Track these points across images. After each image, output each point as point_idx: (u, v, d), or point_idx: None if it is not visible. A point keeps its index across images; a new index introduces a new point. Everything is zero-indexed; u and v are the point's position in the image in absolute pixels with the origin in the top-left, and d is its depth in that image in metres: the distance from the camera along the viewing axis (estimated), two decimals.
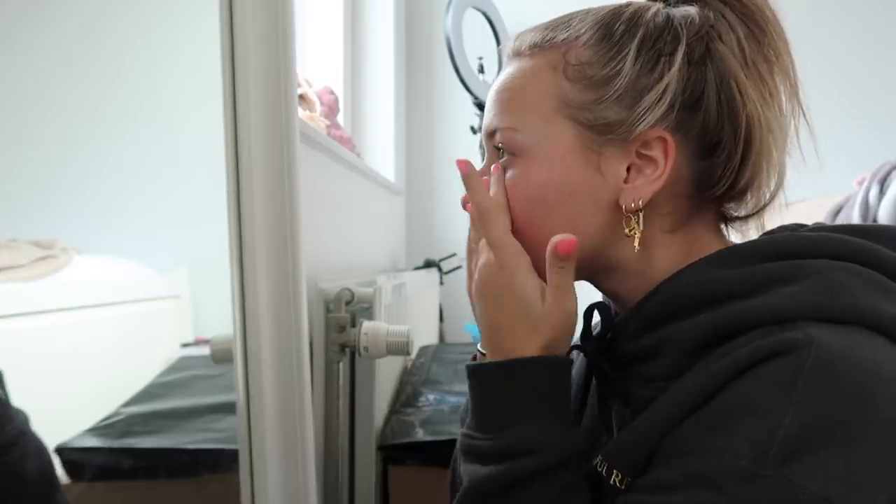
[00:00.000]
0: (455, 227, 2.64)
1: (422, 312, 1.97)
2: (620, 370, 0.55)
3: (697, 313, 0.48)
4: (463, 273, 0.63)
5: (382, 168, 2.32)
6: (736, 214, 0.57)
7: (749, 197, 0.55)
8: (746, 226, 0.58)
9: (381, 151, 2.42)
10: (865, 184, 1.51)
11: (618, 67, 0.51)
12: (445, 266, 2.44)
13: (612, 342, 0.56)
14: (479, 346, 0.63)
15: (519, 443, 0.49)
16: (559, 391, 0.51)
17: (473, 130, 2.36)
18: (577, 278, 0.57)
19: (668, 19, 0.52)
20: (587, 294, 0.62)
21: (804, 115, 0.54)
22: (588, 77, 0.52)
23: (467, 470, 0.52)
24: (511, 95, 0.56)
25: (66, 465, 0.85)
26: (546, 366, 0.51)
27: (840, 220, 1.57)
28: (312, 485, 0.84)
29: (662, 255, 0.54)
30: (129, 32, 1.08)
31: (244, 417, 0.80)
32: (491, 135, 0.57)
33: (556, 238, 0.52)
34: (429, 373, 1.57)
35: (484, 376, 0.53)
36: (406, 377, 1.59)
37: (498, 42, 2.49)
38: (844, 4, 2.37)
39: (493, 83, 0.59)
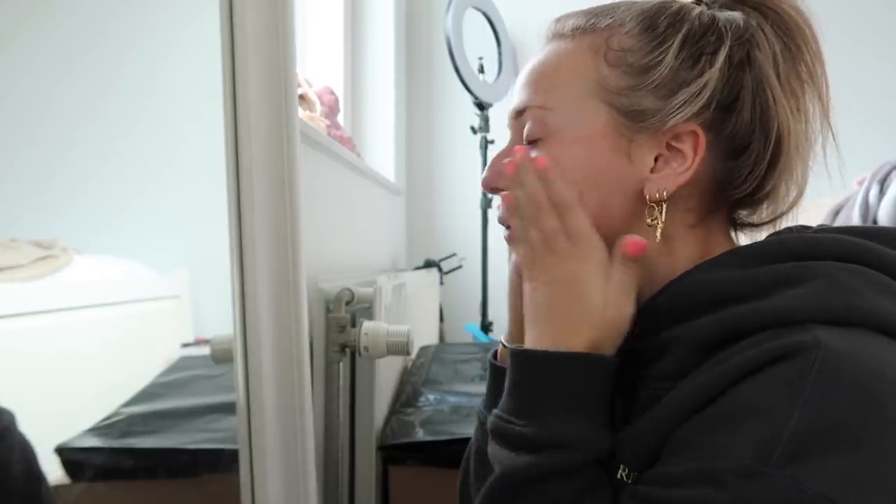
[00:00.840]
0: (455, 228, 2.64)
1: (422, 312, 1.97)
2: (627, 368, 0.55)
3: (703, 314, 0.49)
4: (463, 273, 0.62)
5: (382, 168, 2.32)
6: (748, 221, 0.58)
7: (765, 206, 0.56)
8: (758, 233, 0.58)
9: (382, 151, 2.42)
10: (865, 184, 1.51)
11: (660, 58, 0.52)
12: (445, 266, 2.44)
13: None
14: (502, 339, 0.63)
15: (557, 436, 0.49)
16: (601, 391, 0.51)
17: (473, 130, 2.36)
18: None
19: (713, 20, 0.53)
20: None
21: (833, 137, 0.55)
22: (628, 63, 0.52)
23: (498, 454, 0.51)
24: (546, 74, 0.56)
25: (66, 465, 0.85)
26: (592, 364, 0.50)
27: (840, 220, 1.57)
28: (312, 485, 0.84)
29: (681, 249, 0.54)
30: (128, 32, 1.08)
31: (244, 417, 0.80)
32: (519, 114, 0.57)
33: (626, 237, 0.51)
34: (429, 373, 1.57)
35: (529, 362, 0.51)
36: (406, 377, 1.59)
37: (498, 42, 2.49)
38: (844, 4, 2.37)
39: (526, 65, 0.59)
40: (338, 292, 1.10)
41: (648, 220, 0.53)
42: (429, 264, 2.42)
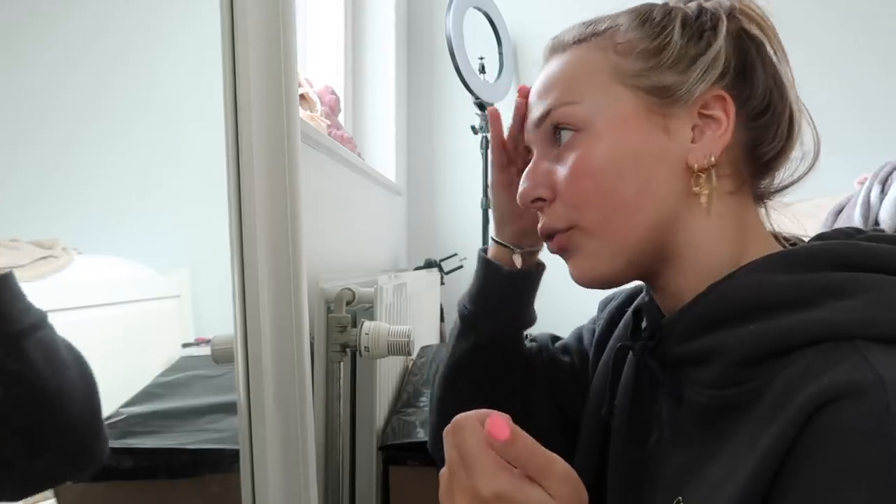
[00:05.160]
0: (456, 227, 2.64)
1: (423, 312, 1.97)
2: (669, 370, 0.55)
3: (748, 321, 0.48)
4: (464, 273, 0.63)
5: (383, 168, 2.32)
6: (770, 190, 0.58)
7: (781, 168, 0.57)
8: (781, 197, 0.59)
9: (382, 151, 2.42)
10: (867, 184, 1.51)
11: (667, 39, 0.54)
12: (446, 266, 2.44)
13: (658, 343, 0.56)
14: (491, 235, 0.71)
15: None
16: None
17: (474, 130, 2.36)
18: (637, 267, 0.56)
19: (700, 7, 0.56)
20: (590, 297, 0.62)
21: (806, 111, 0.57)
22: (639, 50, 0.54)
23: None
24: (561, 78, 0.57)
25: None
26: None
27: (842, 221, 1.57)
28: (313, 485, 0.84)
29: (726, 222, 0.54)
30: (129, 33, 1.08)
31: (245, 417, 0.79)
32: (540, 122, 0.57)
33: (488, 427, 0.45)
34: (430, 373, 1.57)
35: None
36: (407, 377, 1.59)
37: (499, 42, 2.49)
38: (845, 4, 2.37)
39: (534, 84, 0.60)
40: (338, 292, 1.10)
41: (695, 189, 0.53)
42: (430, 264, 2.42)
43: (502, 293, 0.72)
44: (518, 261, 0.72)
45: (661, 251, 0.55)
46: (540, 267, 0.74)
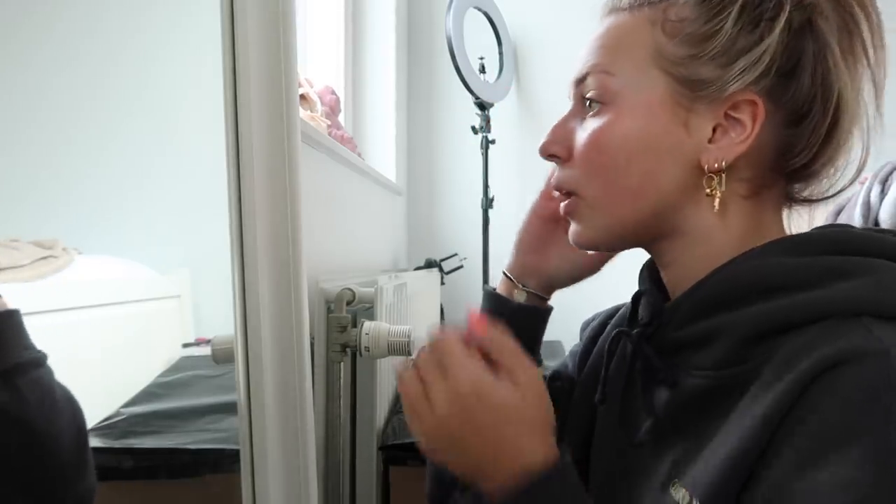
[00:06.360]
0: (456, 227, 2.64)
1: (423, 312, 1.97)
2: (667, 356, 0.55)
3: (752, 302, 0.48)
4: (464, 273, 0.63)
5: (383, 168, 2.32)
6: (804, 197, 0.57)
7: (823, 180, 0.55)
8: (814, 210, 0.58)
9: (382, 151, 2.42)
10: (867, 184, 1.51)
11: (718, 26, 0.51)
12: (447, 266, 2.44)
13: (657, 329, 0.56)
14: (504, 271, 0.70)
15: None
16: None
17: (474, 130, 2.36)
18: (634, 243, 0.58)
19: None
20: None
21: (881, 116, 0.54)
22: (686, 33, 0.52)
23: None
24: (607, 44, 0.56)
25: None
26: (565, 477, 0.49)
27: (842, 220, 1.57)
28: (313, 485, 0.84)
29: (735, 221, 0.53)
30: (129, 33, 1.08)
31: (245, 417, 0.79)
32: (581, 81, 0.57)
33: (469, 321, 0.51)
34: None
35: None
36: None
37: (499, 42, 2.49)
38: None
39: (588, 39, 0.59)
40: (339, 292, 1.10)
41: (707, 191, 0.52)
42: (430, 264, 2.42)
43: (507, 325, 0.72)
44: (521, 297, 0.71)
45: (663, 232, 0.56)
46: (545, 307, 0.73)
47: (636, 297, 0.63)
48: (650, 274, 0.62)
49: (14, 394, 0.60)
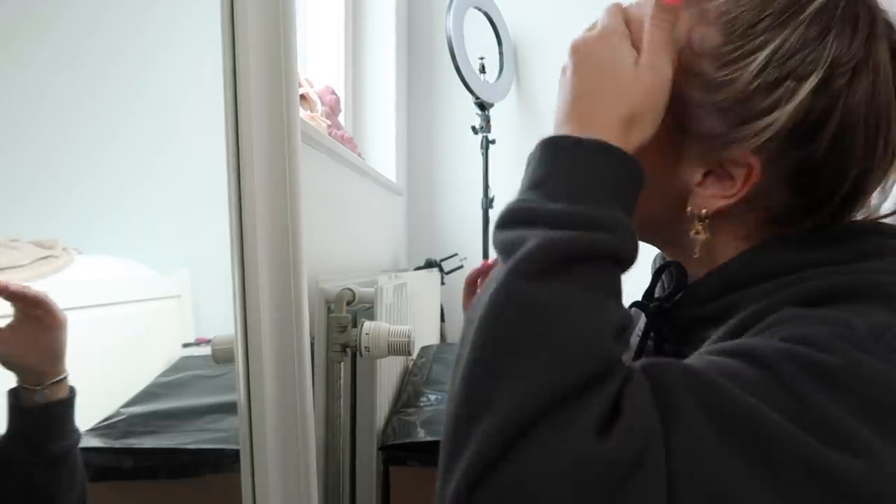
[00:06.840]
0: (456, 227, 2.64)
1: (423, 312, 1.97)
2: (680, 334, 0.53)
3: (777, 279, 0.46)
4: (464, 273, 0.62)
5: (383, 168, 2.32)
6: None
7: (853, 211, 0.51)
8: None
9: (383, 151, 2.42)
10: None
11: (735, 75, 0.45)
12: (447, 266, 2.44)
13: (676, 304, 0.53)
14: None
15: (603, 216, 0.40)
16: (631, 185, 0.44)
17: (475, 130, 2.36)
18: (644, 237, 0.52)
19: (822, 34, 0.44)
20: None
21: None
22: (697, 72, 0.47)
23: (528, 234, 0.40)
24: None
25: None
26: (617, 156, 0.43)
27: None
28: (313, 485, 0.84)
29: (727, 253, 0.50)
30: (129, 33, 1.08)
31: (245, 417, 0.79)
32: None
33: None
34: (430, 373, 1.57)
35: (561, 148, 0.43)
36: (407, 377, 1.59)
37: (499, 42, 2.49)
38: None
39: None
40: (339, 292, 1.10)
41: (691, 234, 0.49)
42: (430, 264, 2.42)
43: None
44: None
45: (665, 242, 0.56)
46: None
47: (659, 271, 0.59)
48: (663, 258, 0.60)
49: (55, 479, 0.68)
